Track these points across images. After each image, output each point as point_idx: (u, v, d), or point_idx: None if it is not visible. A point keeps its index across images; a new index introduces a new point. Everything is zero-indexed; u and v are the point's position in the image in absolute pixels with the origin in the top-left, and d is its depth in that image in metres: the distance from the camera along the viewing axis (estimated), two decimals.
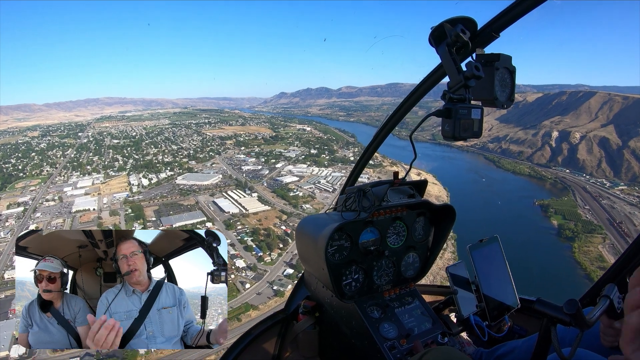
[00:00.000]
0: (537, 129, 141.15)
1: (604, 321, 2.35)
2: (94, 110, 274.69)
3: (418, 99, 3.58)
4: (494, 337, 3.63)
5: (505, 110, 3.59)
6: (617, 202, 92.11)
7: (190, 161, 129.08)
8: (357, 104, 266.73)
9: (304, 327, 3.76)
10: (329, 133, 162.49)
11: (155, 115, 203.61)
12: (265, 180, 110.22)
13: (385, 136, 4.06)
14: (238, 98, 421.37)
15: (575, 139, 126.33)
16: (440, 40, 2.31)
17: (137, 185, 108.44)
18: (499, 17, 2.50)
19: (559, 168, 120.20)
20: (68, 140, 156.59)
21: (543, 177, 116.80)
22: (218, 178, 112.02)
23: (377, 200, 3.22)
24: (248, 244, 75.94)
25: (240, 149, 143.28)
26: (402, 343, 3.04)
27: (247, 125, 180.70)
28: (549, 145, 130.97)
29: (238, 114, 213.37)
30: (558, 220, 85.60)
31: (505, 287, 3.31)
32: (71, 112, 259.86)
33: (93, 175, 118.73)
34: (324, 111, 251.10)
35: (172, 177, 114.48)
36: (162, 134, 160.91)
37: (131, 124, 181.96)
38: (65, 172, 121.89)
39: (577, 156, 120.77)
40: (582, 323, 2.09)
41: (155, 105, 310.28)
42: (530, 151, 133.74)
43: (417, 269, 3.80)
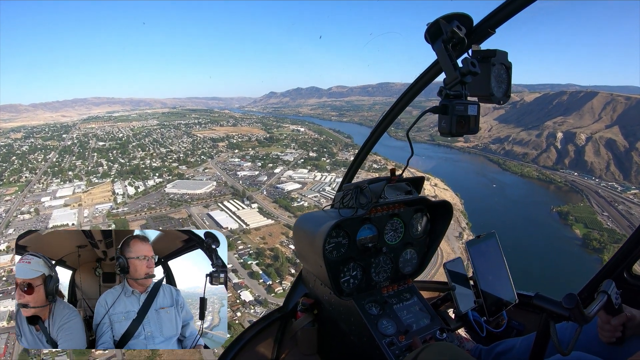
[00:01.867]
0: (540, 130, 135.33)
1: (601, 317, 2.41)
2: (81, 110, 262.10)
3: (413, 97, 3.46)
4: (492, 333, 3.51)
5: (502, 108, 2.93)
6: (634, 208, 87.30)
7: (180, 166, 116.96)
8: (349, 103, 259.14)
9: (302, 325, 3.65)
10: (324, 134, 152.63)
11: (143, 116, 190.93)
12: (264, 188, 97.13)
13: (381, 134, 3.88)
14: (227, 98, 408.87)
15: (581, 141, 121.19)
16: (436, 36, 2.22)
17: (122, 194, 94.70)
18: (494, 13, 2.45)
19: (566, 171, 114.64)
20: (51, 142, 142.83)
21: (553, 180, 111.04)
22: (212, 186, 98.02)
23: (375, 197, 3.13)
24: (253, 270, 63.29)
25: (234, 151, 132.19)
26: (400, 339, 2.96)
27: (239, 125, 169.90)
28: (554, 147, 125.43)
29: (228, 114, 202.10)
30: (580, 230, 79.95)
31: (503, 283, 3.32)
32: (58, 113, 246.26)
33: (74, 183, 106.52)
34: (315, 111, 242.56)
35: (161, 184, 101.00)
36: (150, 136, 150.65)
37: (118, 125, 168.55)
38: (45, 178, 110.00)
39: (584, 158, 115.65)
40: (581, 318, 2.10)
41: (144, 105, 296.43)
42: (535, 153, 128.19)
43: (414, 266, 3.72)
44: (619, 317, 2.34)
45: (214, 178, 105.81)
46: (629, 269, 3.30)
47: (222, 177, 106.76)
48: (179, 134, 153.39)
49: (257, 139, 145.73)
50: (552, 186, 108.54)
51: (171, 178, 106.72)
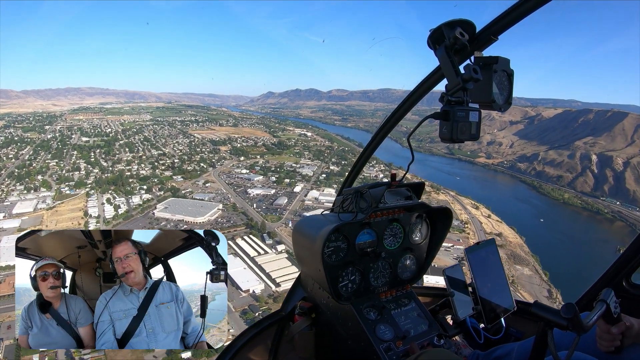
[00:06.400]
0: (571, 150, 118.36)
1: (600, 326, 2.24)
2: (74, 100, 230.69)
3: (414, 103, 3.29)
4: (490, 340, 3.26)
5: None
6: None
7: (175, 176, 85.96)
8: (350, 108, 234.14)
9: (300, 328, 3.42)
10: (334, 141, 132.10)
11: (136, 109, 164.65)
12: (289, 220, 67.49)
13: (382, 139, 3.70)
14: (224, 95, 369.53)
15: (619, 166, 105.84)
16: (438, 42, 2.13)
17: (96, 217, 63.16)
18: (497, 20, 2.31)
19: (608, 199, 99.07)
20: (31, 134, 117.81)
21: (599, 211, 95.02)
22: (217, 211, 66.53)
23: (375, 201, 2.94)
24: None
25: (239, 159, 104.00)
26: (398, 345, 2.79)
27: (240, 126, 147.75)
28: (590, 171, 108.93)
29: (226, 112, 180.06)
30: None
31: (501, 290, 3.11)
32: (49, 101, 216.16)
33: (40, 193, 79.02)
34: (316, 114, 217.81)
35: (149, 203, 69.08)
36: (140, 133, 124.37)
37: (108, 118, 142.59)
38: (9, 183, 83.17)
39: (625, 186, 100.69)
40: (579, 327, 1.97)
41: (138, 98, 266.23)
42: (570, 176, 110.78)
43: (413, 271, 3.49)
44: (618, 325, 2.15)
45: (218, 197, 77.76)
46: (628, 278, 3.04)
47: (229, 196, 78.37)
48: (173, 133, 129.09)
49: (264, 143, 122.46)
50: (600, 217, 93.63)
51: (162, 194, 79.06)
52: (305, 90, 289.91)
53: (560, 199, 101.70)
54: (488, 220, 77.39)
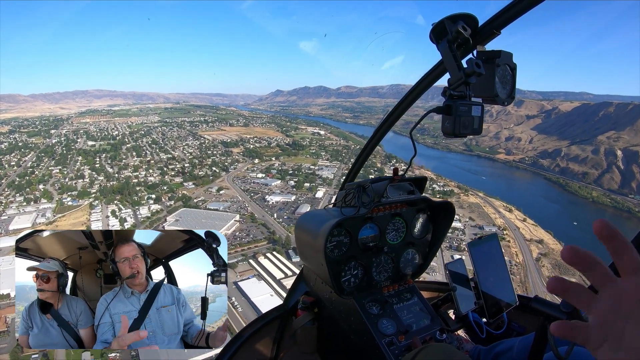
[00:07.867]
0: (594, 145, 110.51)
1: None
2: (82, 102, 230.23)
3: (417, 97, 3.21)
4: (492, 334, 3.19)
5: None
6: None
7: (185, 182, 77.14)
8: (359, 104, 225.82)
9: (302, 323, 3.31)
10: (350, 139, 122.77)
11: (144, 111, 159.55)
12: None
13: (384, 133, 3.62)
14: (232, 94, 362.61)
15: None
16: (441, 36, 2.09)
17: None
18: (500, 14, 2.25)
19: (637, 197, 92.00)
20: (36, 139, 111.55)
21: (631, 211, 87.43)
22: (233, 223, 57.85)
23: (377, 196, 2.85)
24: None
25: (254, 162, 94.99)
26: (400, 339, 2.72)
27: (251, 126, 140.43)
28: (616, 167, 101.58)
29: (236, 112, 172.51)
30: None
31: (503, 285, 3.09)
32: (57, 105, 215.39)
33: (40, 205, 71.07)
34: (326, 111, 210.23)
35: (159, 216, 60.14)
36: (149, 135, 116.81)
37: (115, 120, 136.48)
38: (8, 193, 75.43)
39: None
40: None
41: (146, 99, 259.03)
42: (596, 173, 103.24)
43: (416, 266, 3.37)
44: None
45: (235, 206, 68.83)
46: None
47: (246, 205, 69.23)
48: (183, 134, 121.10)
49: (278, 144, 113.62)
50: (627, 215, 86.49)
51: (173, 204, 70.36)
52: (314, 88, 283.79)
53: (589, 198, 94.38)
54: (524, 225, 69.18)
